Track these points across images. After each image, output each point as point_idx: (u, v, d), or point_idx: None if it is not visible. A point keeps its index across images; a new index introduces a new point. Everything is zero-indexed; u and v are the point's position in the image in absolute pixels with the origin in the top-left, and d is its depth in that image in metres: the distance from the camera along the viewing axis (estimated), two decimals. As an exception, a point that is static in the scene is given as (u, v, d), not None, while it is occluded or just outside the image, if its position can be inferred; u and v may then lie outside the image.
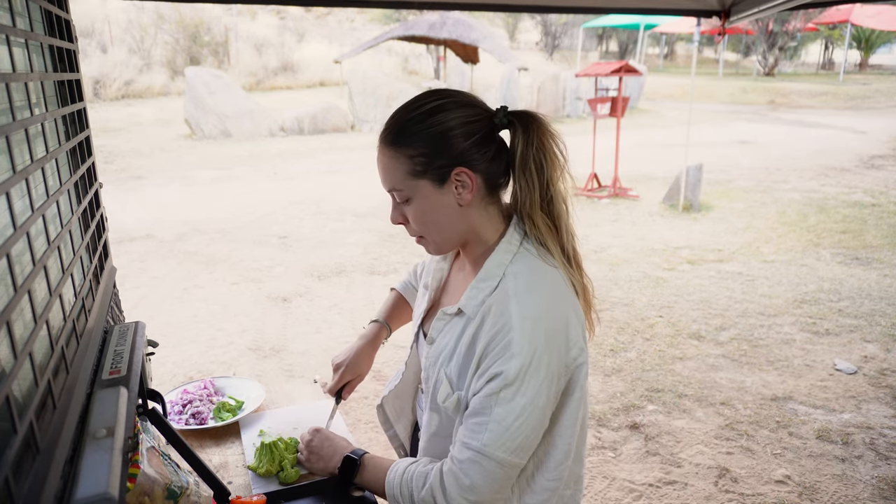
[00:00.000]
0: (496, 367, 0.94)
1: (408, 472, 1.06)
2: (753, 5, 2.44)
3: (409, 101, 1.04)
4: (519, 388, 0.93)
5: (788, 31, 22.99)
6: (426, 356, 1.10)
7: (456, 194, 1.01)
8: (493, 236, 1.06)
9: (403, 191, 1.01)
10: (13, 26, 0.81)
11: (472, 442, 0.96)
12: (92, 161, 1.28)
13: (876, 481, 2.59)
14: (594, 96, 8.07)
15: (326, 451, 1.23)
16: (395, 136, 1.01)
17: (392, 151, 1.00)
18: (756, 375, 3.49)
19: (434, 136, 0.98)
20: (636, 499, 2.51)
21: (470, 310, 1.02)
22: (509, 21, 29.32)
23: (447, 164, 0.99)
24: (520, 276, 1.00)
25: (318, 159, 10.18)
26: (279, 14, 24.02)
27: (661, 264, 5.32)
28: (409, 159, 0.99)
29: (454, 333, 1.04)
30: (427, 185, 1.00)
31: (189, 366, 3.57)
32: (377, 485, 1.13)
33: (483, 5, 2.82)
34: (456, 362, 1.02)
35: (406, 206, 1.03)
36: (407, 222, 1.06)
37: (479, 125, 1.00)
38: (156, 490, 0.93)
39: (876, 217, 6.74)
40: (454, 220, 1.03)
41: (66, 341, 0.86)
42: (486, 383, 0.95)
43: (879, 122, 14.42)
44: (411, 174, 1.00)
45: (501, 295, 0.99)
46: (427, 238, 1.06)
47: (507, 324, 0.95)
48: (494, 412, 0.94)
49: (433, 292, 1.20)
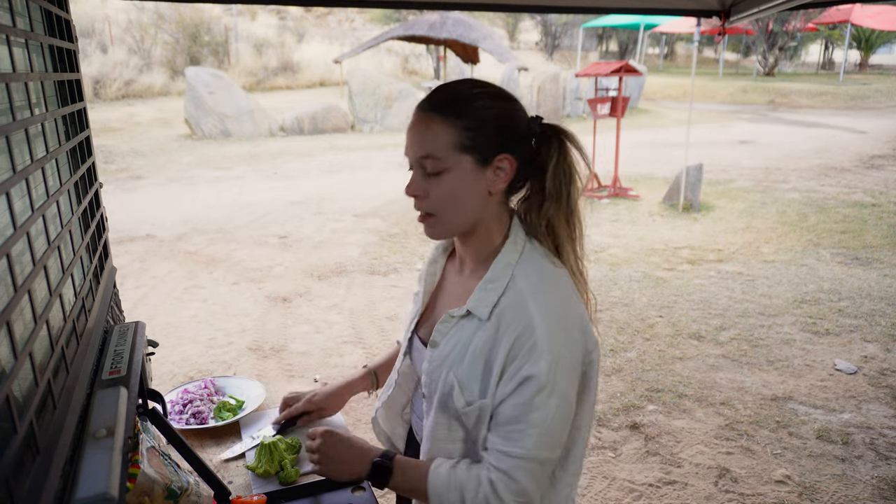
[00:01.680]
0: (525, 370, 0.93)
1: (454, 477, 1.01)
2: (753, 5, 2.44)
3: (464, 79, 1.04)
4: (553, 389, 0.94)
5: (788, 31, 22.99)
6: (428, 360, 1.07)
7: (490, 180, 1.00)
8: (498, 234, 1.06)
9: (441, 160, 0.98)
10: (13, 26, 0.81)
11: (515, 450, 0.95)
12: (92, 161, 1.28)
13: (876, 481, 2.59)
14: (594, 96, 8.07)
15: (348, 456, 1.10)
16: (450, 104, 0.99)
17: (442, 118, 0.98)
18: (756, 375, 3.49)
19: (493, 116, 0.99)
20: (636, 499, 2.51)
21: (481, 312, 1.00)
22: (509, 21, 29.32)
23: (495, 148, 0.99)
24: (530, 275, 1.00)
25: (318, 159, 10.18)
26: (279, 14, 24.03)
27: (661, 264, 5.32)
28: (460, 130, 0.97)
29: (462, 336, 1.02)
30: (469, 162, 0.98)
31: (189, 366, 3.57)
32: (413, 489, 1.06)
33: (483, 5, 2.82)
34: (467, 366, 1.00)
35: (434, 178, 0.99)
36: (424, 196, 1.01)
37: (526, 125, 1.03)
38: (156, 490, 0.93)
39: (876, 217, 6.74)
40: (477, 205, 1.01)
41: (66, 341, 0.86)
42: (516, 388, 0.94)
43: (879, 122, 14.42)
44: (457, 146, 0.97)
45: (515, 296, 0.98)
46: (438, 217, 1.02)
47: (529, 324, 0.94)
48: (532, 418, 0.94)
49: (427, 296, 1.18)
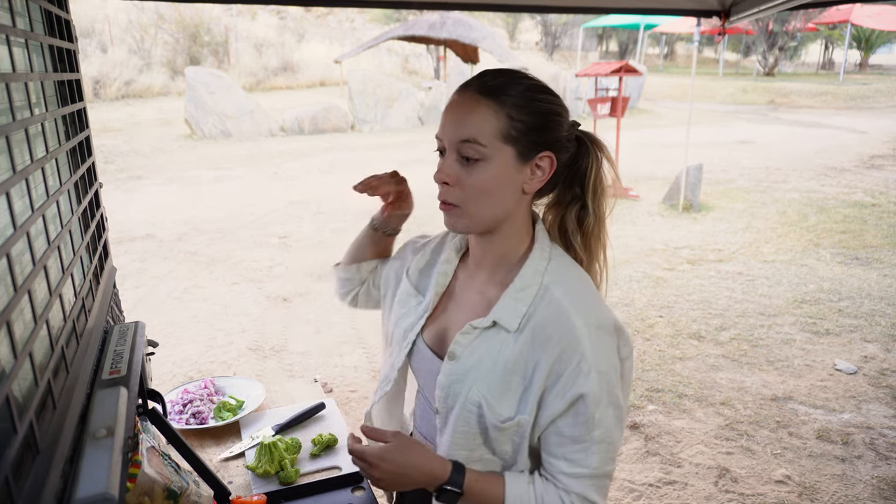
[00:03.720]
0: (577, 387, 0.89)
1: (531, 496, 0.95)
2: (753, 5, 2.44)
3: (513, 68, 0.98)
4: (608, 401, 0.91)
5: (788, 31, 22.98)
6: (446, 374, 0.99)
7: (528, 177, 0.95)
8: (525, 237, 1.01)
9: (485, 148, 0.91)
10: (13, 26, 0.81)
11: (582, 470, 0.93)
12: (92, 161, 1.28)
13: (876, 481, 2.59)
14: (594, 96, 8.07)
15: (414, 472, 0.95)
16: (500, 90, 0.92)
17: (492, 103, 0.92)
18: (756, 375, 3.49)
19: (542, 111, 0.94)
20: (636, 499, 2.51)
21: (509, 323, 0.94)
22: (509, 21, 29.31)
23: (539, 144, 0.94)
24: (563, 283, 0.95)
25: (318, 159, 10.17)
26: (279, 14, 24.02)
27: (661, 264, 5.32)
28: (508, 119, 0.91)
29: (488, 350, 0.95)
30: (510, 154, 0.93)
31: (189, 366, 3.57)
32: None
33: (483, 5, 2.81)
34: (497, 382, 0.94)
35: (471, 166, 0.92)
36: (455, 184, 0.94)
37: (567, 127, 0.99)
38: (156, 490, 0.93)
39: (876, 217, 6.73)
40: (509, 201, 0.95)
41: (66, 341, 0.86)
42: (569, 407, 0.91)
43: (879, 122, 14.42)
44: (502, 136, 0.92)
45: (552, 306, 0.93)
46: (465, 209, 0.95)
47: (574, 337, 0.90)
48: (594, 435, 0.91)
49: (437, 297, 1.09)
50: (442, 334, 1.05)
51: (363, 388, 3.36)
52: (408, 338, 1.09)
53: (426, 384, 1.09)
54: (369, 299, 1.28)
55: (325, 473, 1.41)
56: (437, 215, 0.97)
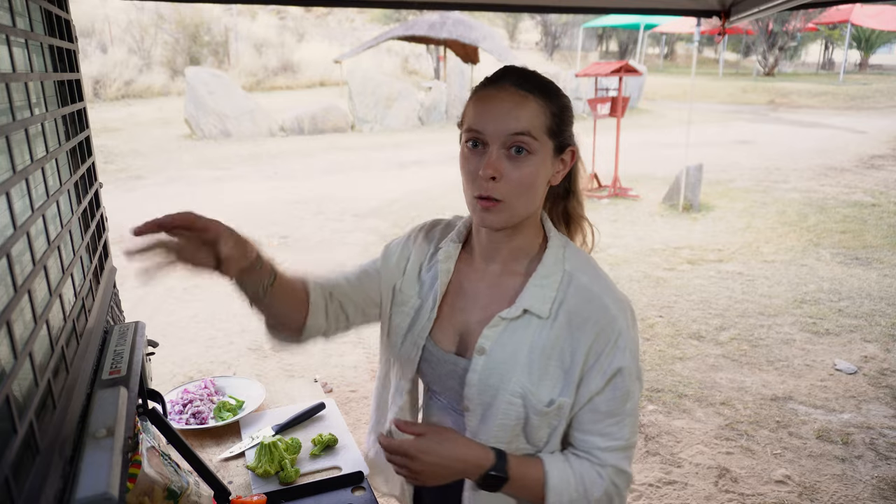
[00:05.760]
0: (616, 362, 0.94)
1: (571, 476, 0.96)
2: (753, 5, 2.43)
3: (529, 69, 0.99)
4: (638, 373, 0.98)
5: (788, 31, 22.98)
6: (479, 370, 0.97)
7: (556, 170, 0.99)
8: (539, 229, 1.04)
9: (537, 142, 0.93)
10: (13, 26, 0.81)
11: (615, 443, 0.97)
12: (92, 161, 1.28)
13: (876, 481, 2.59)
14: (594, 96, 8.07)
15: (455, 463, 0.94)
16: (542, 86, 0.96)
17: (541, 99, 0.94)
18: (756, 375, 3.49)
19: (568, 107, 0.99)
20: (636, 499, 2.51)
21: (540, 310, 0.96)
22: (509, 21, 29.32)
23: (567, 139, 0.99)
24: (584, 269, 1.00)
25: (318, 159, 10.17)
26: (279, 14, 24.01)
27: (661, 264, 5.32)
28: (552, 116, 0.95)
29: (521, 339, 0.96)
30: (549, 148, 0.96)
31: (189, 366, 3.57)
32: (528, 490, 0.98)
33: (483, 5, 2.81)
34: (536, 368, 0.95)
35: (520, 160, 0.92)
36: (500, 178, 0.92)
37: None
38: (156, 490, 0.93)
39: (876, 217, 6.73)
40: (541, 195, 0.99)
41: (66, 341, 0.86)
42: (608, 382, 0.95)
43: (879, 122, 14.41)
44: (548, 130, 0.94)
45: (583, 291, 0.97)
46: (508, 203, 0.93)
47: (610, 317, 0.95)
48: (627, 407, 0.96)
49: (439, 297, 1.06)
50: (460, 331, 1.04)
51: (363, 388, 3.36)
52: (417, 344, 1.06)
53: (443, 385, 1.06)
54: (358, 315, 1.13)
55: (325, 473, 1.41)
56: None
